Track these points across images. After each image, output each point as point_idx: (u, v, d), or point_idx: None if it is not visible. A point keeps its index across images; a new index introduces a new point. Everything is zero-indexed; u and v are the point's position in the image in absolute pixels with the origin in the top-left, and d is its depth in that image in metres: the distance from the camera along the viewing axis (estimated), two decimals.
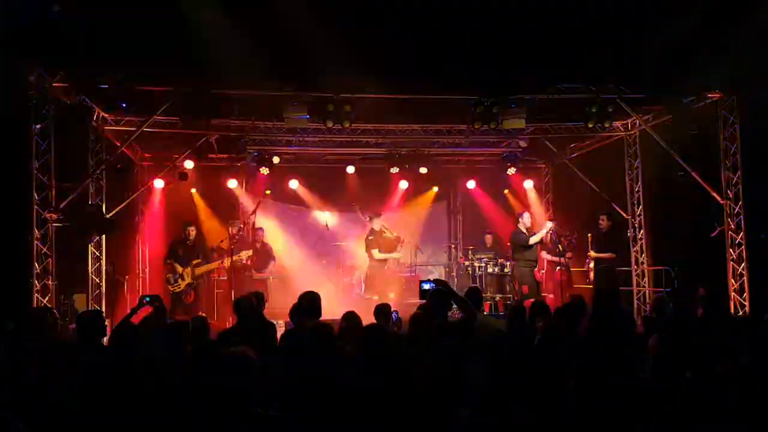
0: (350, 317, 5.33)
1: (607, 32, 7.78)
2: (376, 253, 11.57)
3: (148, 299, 5.44)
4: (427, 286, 5.47)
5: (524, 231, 11.06)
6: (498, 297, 11.93)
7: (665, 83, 9.28)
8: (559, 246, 11.38)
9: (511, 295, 11.64)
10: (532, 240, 10.90)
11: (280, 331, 6.16)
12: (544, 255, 11.74)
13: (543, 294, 11.52)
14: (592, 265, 11.10)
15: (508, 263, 11.82)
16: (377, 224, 11.71)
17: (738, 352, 4.16)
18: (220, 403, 2.85)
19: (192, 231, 9.98)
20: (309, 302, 5.49)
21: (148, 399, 3.39)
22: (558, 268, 11.50)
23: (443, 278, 13.36)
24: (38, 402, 3.82)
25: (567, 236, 11.65)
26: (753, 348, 4.07)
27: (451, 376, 3.97)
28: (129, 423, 2.82)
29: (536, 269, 11.26)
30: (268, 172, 11.79)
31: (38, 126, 8.67)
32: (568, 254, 11.42)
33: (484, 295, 10.49)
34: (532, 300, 8.11)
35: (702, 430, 3.31)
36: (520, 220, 11.20)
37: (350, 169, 12.88)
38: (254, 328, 5.32)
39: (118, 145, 10.72)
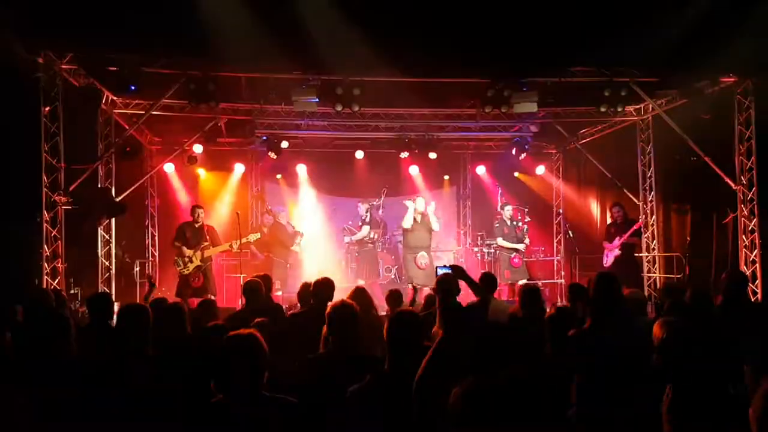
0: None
1: (621, 15, 7.65)
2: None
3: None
4: (443, 272, 5.42)
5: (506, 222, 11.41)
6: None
7: (679, 67, 9.14)
8: (517, 231, 11.43)
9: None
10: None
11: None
12: (500, 242, 11.43)
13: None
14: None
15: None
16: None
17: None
18: (227, 384, 2.84)
19: (201, 213, 9.94)
20: (322, 288, 5.48)
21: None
22: (513, 255, 11.27)
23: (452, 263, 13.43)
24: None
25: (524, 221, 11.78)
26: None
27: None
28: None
29: (513, 256, 11.26)
30: (276, 156, 11.76)
31: (47, 108, 8.67)
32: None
33: None
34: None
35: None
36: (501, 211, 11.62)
37: (359, 154, 12.81)
38: (262, 311, 5.31)
39: (127, 128, 10.73)
